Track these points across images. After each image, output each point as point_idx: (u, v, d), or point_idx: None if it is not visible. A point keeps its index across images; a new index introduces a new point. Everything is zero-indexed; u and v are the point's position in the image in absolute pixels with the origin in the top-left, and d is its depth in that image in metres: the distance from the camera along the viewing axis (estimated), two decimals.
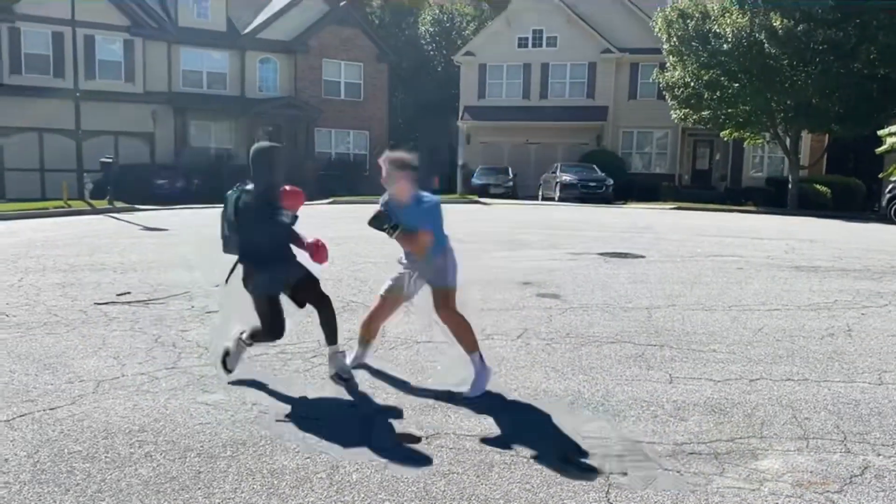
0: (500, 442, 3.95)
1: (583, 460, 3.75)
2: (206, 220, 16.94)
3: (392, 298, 4.96)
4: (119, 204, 21.06)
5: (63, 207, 19.71)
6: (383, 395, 4.68)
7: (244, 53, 32.10)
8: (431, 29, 49.31)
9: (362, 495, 3.30)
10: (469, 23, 49.34)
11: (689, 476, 3.58)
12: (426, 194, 4.76)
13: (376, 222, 4.61)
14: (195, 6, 31.10)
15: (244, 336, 4.87)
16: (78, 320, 6.49)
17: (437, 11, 50.16)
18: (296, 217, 4.63)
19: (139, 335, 5.99)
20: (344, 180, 31.91)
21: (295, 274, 4.70)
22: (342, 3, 35.41)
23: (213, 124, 31.68)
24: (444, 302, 4.77)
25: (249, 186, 4.48)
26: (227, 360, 4.90)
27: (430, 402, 4.53)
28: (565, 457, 3.78)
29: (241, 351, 4.94)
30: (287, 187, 4.48)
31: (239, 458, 3.65)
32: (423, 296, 4.98)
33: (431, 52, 48.75)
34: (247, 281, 4.61)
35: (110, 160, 22.62)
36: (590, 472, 3.60)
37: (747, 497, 3.36)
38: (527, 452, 3.82)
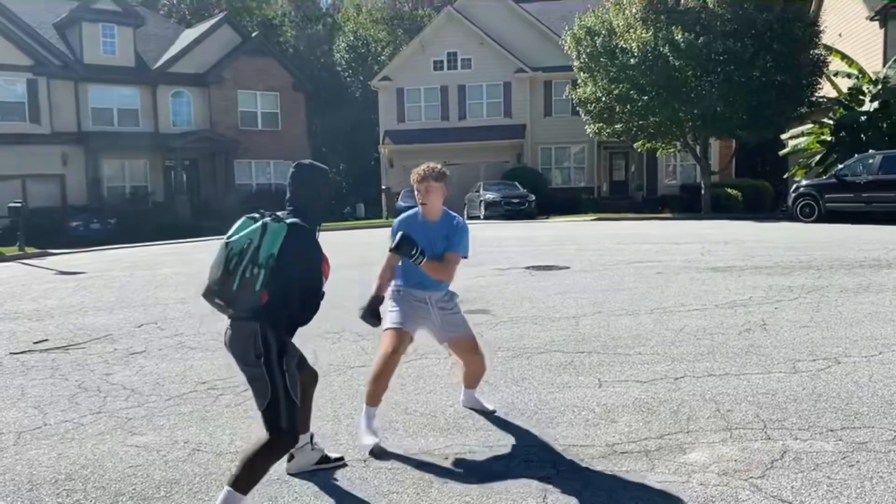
0: (438, 459, 3.99)
1: (519, 469, 3.82)
2: (124, 261, 16.45)
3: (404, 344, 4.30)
4: (31, 249, 20.21)
5: None
6: (320, 422, 4.66)
7: (155, 88, 31.44)
8: (347, 55, 49.46)
9: None
10: (384, 48, 49.72)
11: (622, 474, 3.69)
12: (453, 212, 4.40)
13: (406, 247, 4.01)
14: (101, 42, 30.33)
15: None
16: None
17: (352, 38, 50.35)
18: None
19: (61, 382, 5.78)
20: (268, 210, 31.41)
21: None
22: (254, 34, 35.18)
23: (127, 162, 30.84)
24: (475, 346, 4.54)
25: (292, 219, 3.32)
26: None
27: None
28: (502, 468, 3.85)
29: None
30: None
31: (173, 498, 3.58)
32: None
33: (348, 79, 48.87)
34: (267, 345, 3.22)
35: (19, 204, 21.72)
36: (527, 480, 3.67)
37: (678, 490, 3.50)
38: (464, 466, 3.87)
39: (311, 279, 3.31)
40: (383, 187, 31.85)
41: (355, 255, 13.82)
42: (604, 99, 25.44)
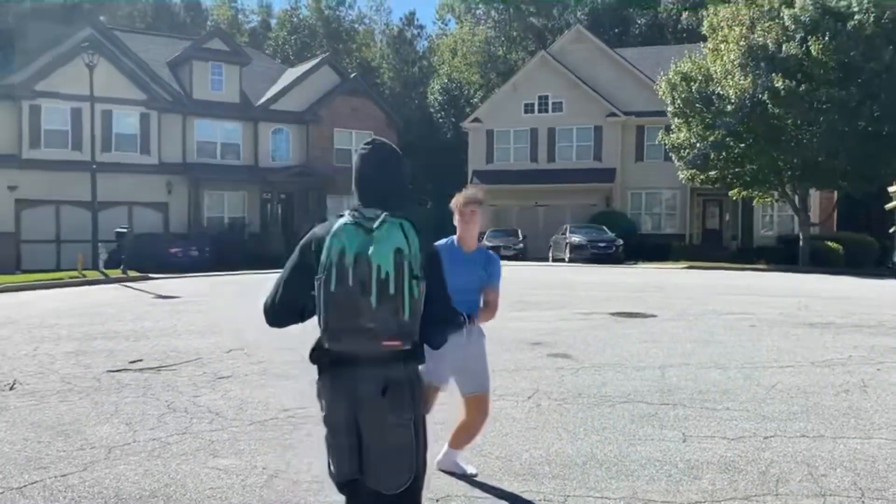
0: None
1: None
2: (219, 287, 17.08)
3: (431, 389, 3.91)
4: (133, 273, 21.27)
5: (78, 277, 19.92)
6: None
7: (257, 124, 32.83)
8: (440, 97, 50.44)
9: None
10: (476, 90, 50.48)
11: None
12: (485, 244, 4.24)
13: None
14: (209, 79, 31.98)
15: None
16: (91, 388, 6.52)
17: (446, 80, 51.39)
18: None
19: (151, 401, 6.01)
20: None
21: None
22: (353, 75, 36.35)
23: (227, 193, 32.20)
24: (485, 404, 4.20)
25: (399, 215, 2.52)
26: None
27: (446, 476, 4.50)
28: None
29: None
30: None
31: None
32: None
33: (440, 120, 49.75)
34: (421, 395, 2.59)
35: (125, 230, 22.96)
36: None
37: None
38: None
39: (447, 291, 2.63)
40: None
41: None
42: (698, 145, 24.94)
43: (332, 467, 2.60)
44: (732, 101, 23.06)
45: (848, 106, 21.79)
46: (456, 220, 4.12)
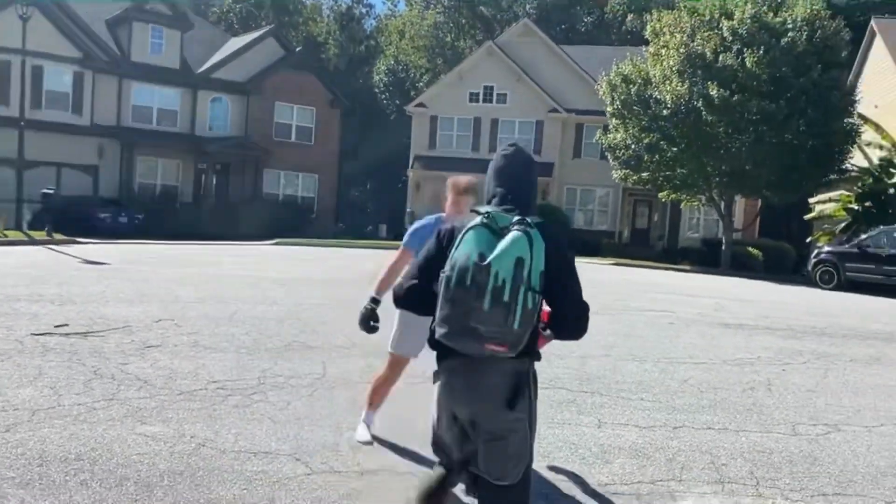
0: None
1: None
2: (148, 256, 16.75)
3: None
4: (58, 236, 20.63)
5: None
6: (321, 432, 4.78)
7: (196, 92, 32.09)
8: (386, 79, 50.18)
9: None
10: (423, 75, 50.39)
11: None
12: None
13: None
14: (149, 42, 31.08)
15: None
16: (13, 350, 6.41)
17: (393, 62, 51.13)
18: None
19: (77, 366, 5.95)
20: (291, 222, 31.91)
21: None
22: (298, 49, 35.83)
23: (160, 160, 31.41)
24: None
25: (537, 221, 2.59)
26: None
27: (375, 450, 4.65)
28: None
29: None
30: None
31: (176, 488, 3.71)
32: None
33: (385, 101, 49.52)
34: (534, 388, 2.84)
35: (52, 191, 22.23)
36: None
37: None
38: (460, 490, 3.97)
39: (580, 292, 2.70)
40: (408, 210, 32.13)
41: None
42: (633, 147, 25.59)
43: (439, 437, 2.77)
44: (669, 105, 23.74)
45: (776, 119, 22.71)
46: (449, 203, 4.35)
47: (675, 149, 24.40)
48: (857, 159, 25.67)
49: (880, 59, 29.29)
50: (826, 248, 21.58)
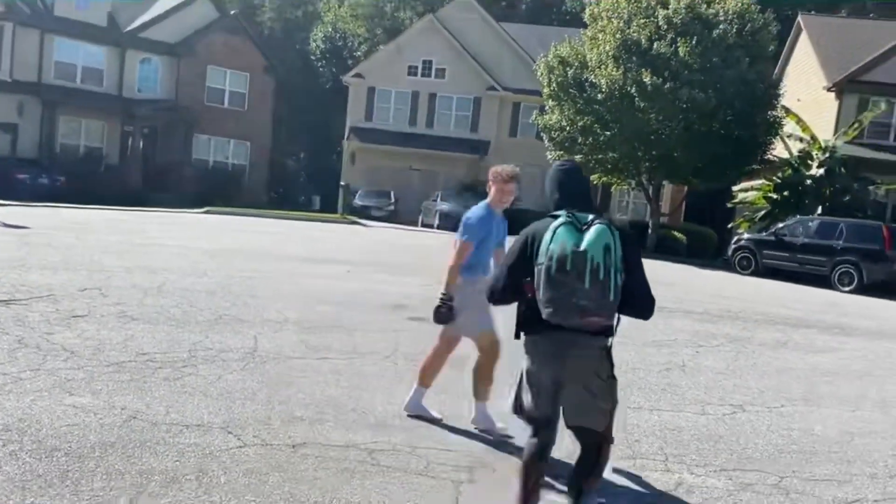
0: (363, 452, 4.24)
1: (437, 468, 4.10)
2: (72, 222, 16.24)
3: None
4: None
5: None
6: (253, 405, 4.86)
7: (124, 51, 30.93)
8: (323, 46, 49.32)
9: (230, 496, 3.49)
10: (361, 44, 49.72)
11: None
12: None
13: None
14: None
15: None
16: None
17: (331, 29, 50.26)
18: None
19: (1, 336, 5.84)
20: (221, 190, 31.31)
21: None
22: (233, 13, 34.92)
23: (85, 121, 30.25)
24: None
25: (610, 224, 3.18)
26: None
27: (299, 413, 4.76)
28: (422, 466, 4.12)
29: None
30: None
31: (107, 459, 3.75)
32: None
33: (321, 69, 48.72)
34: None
35: None
36: (443, 480, 3.96)
37: None
38: (388, 461, 4.13)
39: (645, 276, 3.27)
40: (342, 183, 31.89)
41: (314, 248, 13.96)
42: (568, 129, 26.02)
43: (526, 405, 3.35)
44: (603, 90, 24.20)
45: (705, 108, 23.43)
46: (495, 190, 4.87)
47: (607, 133, 24.91)
48: (778, 150, 26.76)
49: (805, 54, 30.52)
50: (745, 235, 22.55)
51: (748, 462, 4.78)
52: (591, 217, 3.15)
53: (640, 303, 3.20)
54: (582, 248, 3.00)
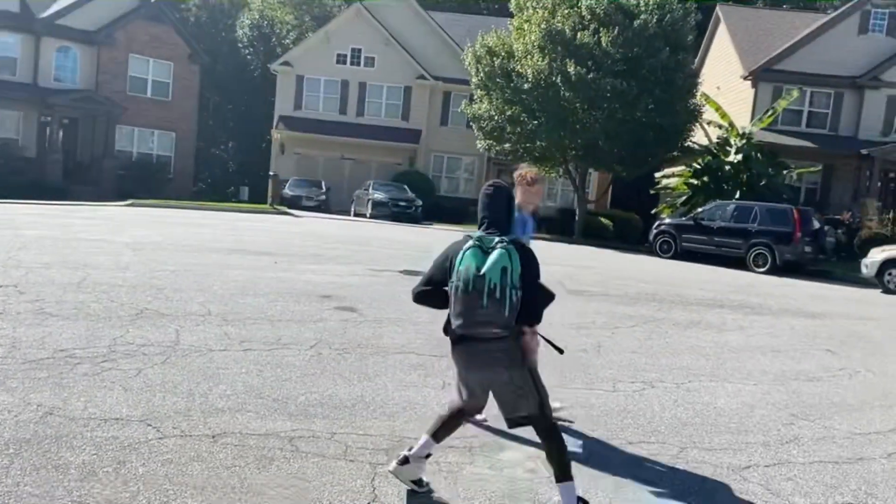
0: (283, 441, 4.36)
1: (356, 453, 4.25)
2: None
3: None
4: None
5: None
6: (173, 398, 4.91)
7: (39, 39, 29.78)
8: (250, 33, 48.42)
9: (148, 486, 3.57)
10: (289, 31, 49.01)
11: (445, 465, 4.20)
12: None
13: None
14: None
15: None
16: None
17: (257, 16, 49.37)
18: None
19: None
20: (145, 182, 30.55)
21: None
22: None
23: None
24: None
25: (509, 238, 3.64)
26: None
27: (220, 404, 4.84)
28: (340, 451, 4.27)
29: None
30: None
31: (23, 455, 3.77)
32: None
33: (249, 57, 47.85)
34: (521, 352, 3.74)
35: None
36: (360, 463, 4.11)
37: (489, 480, 4.04)
38: (307, 448, 4.26)
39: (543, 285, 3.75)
40: (271, 173, 31.53)
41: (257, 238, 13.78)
42: (496, 118, 26.37)
43: (464, 398, 3.81)
44: (530, 80, 24.61)
45: (628, 97, 24.10)
46: (520, 192, 5.08)
47: (535, 122, 25.35)
48: (699, 137, 27.73)
49: (723, 44, 31.66)
50: (666, 220, 23.34)
51: (653, 434, 5.09)
52: (496, 240, 3.55)
53: (531, 313, 3.64)
54: (483, 272, 3.46)
